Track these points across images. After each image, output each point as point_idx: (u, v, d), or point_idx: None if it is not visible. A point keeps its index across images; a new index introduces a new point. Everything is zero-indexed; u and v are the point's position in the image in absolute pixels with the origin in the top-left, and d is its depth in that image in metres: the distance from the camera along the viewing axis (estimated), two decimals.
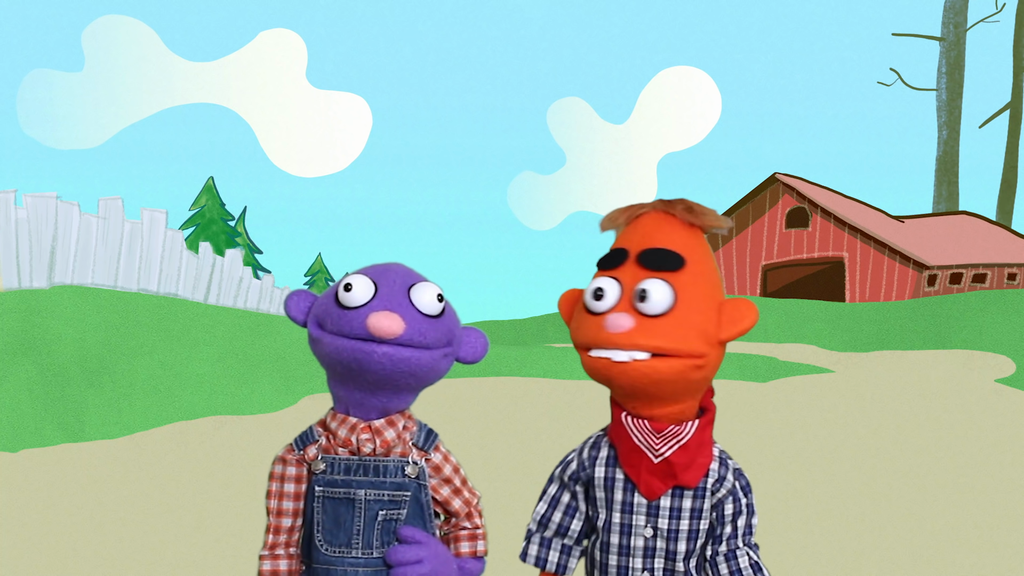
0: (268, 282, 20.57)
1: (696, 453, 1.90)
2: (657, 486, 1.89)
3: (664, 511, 1.91)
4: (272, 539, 2.00)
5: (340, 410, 1.97)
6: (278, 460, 2.01)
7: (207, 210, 33.05)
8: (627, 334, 1.79)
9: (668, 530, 1.91)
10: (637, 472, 1.90)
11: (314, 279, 39.23)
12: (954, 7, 35.66)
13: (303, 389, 11.48)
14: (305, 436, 2.00)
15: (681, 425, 1.88)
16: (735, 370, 14.31)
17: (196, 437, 8.90)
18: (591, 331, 1.85)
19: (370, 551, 1.93)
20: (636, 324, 1.79)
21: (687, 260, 1.85)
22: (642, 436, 1.88)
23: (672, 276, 1.82)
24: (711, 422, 1.94)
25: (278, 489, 1.99)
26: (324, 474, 1.94)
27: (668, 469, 1.88)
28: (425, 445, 2.02)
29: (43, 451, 7.90)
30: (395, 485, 1.95)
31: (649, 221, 1.92)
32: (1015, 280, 25.98)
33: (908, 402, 11.70)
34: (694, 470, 1.90)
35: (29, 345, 9.28)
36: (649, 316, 1.79)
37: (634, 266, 1.85)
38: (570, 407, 10.93)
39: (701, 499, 1.93)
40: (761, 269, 26.78)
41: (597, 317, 1.84)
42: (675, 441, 1.88)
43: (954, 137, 35.58)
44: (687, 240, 1.90)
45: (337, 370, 1.91)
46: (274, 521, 2.00)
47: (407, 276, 1.96)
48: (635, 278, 1.83)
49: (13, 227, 10.75)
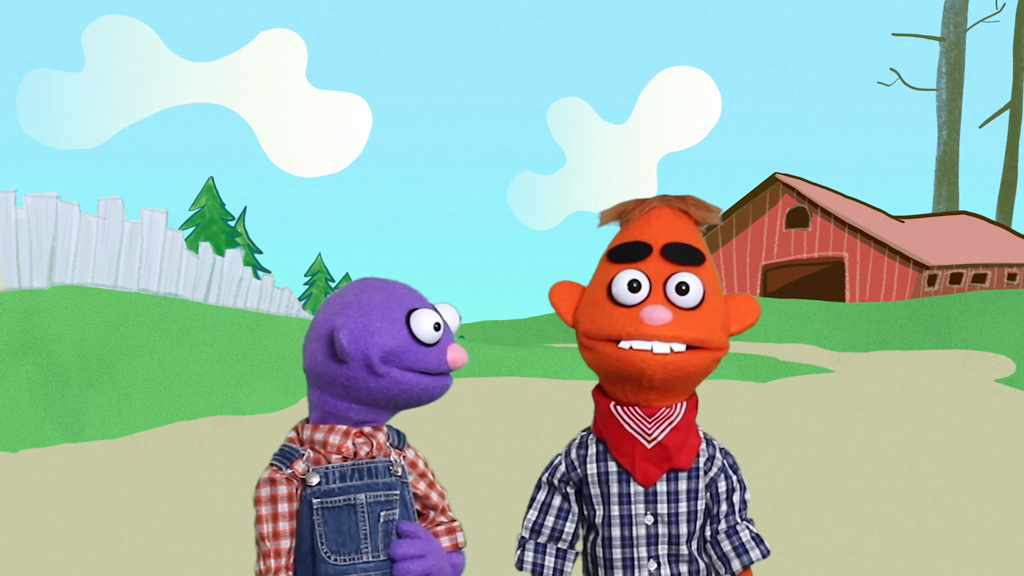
0: (268, 282, 20.57)
1: (687, 434, 1.93)
2: (652, 471, 1.91)
3: (662, 496, 1.93)
4: (274, 563, 1.92)
5: (325, 420, 1.95)
6: (264, 483, 1.94)
7: (207, 210, 33.05)
8: (667, 326, 1.83)
9: (668, 514, 1.93)
10: (631, 460, 1.92)
11: (314, 279, 39.21)
12: (954, 7, 35.65)
13: (303, 389, 11.40)
14: (287, 453, 1.95)
15: (671, 408, 1.92)
16: (735, 370, 14.31)
17: (196, 437, 8.90)
18: (624, 323, 1.86)
19: (379, 554, 1.93)
20: (675, 316, 1.84)
21: (704, 256, 1.93)
22: (634, 423, 1.91)
23: (698, 270, 1.88)
24: (696, 405, 1.99)
25: (271, 512, 1.92)
26: (320, 485, 1.91)
27: (662, 453, 1.90)
28: (400, 444, 2.04)
29: (43, 451, 7.90)
30: (387, 485, 1.95)
31: (663, 216, 1.95)
32: (1015, 280, 25.98)
33: (908, 402, 11.70)
34: (687, 451, 1.93)
35: (29, 345, 9.28)
36: (685, 309, 1.85)
37: (659, 259, 1.88)
38: (570, 407, 10.93)
39: (696, 479, 1.95)
40: (761, 269, 26.77)
41: (630, 309, 1.86)
42: (667, 424, 1.91)
43: (954, 137, 35.57)
44: (697, 236, 1.97)
45: (379, 400, 1.92)
46: (271, 546, 1.92)
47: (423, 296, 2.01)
48: (662, 272, 1.87)
49: (13, 227, 10.75)
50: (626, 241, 1.94)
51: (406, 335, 1.88)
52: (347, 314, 1.91)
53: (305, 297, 37.87)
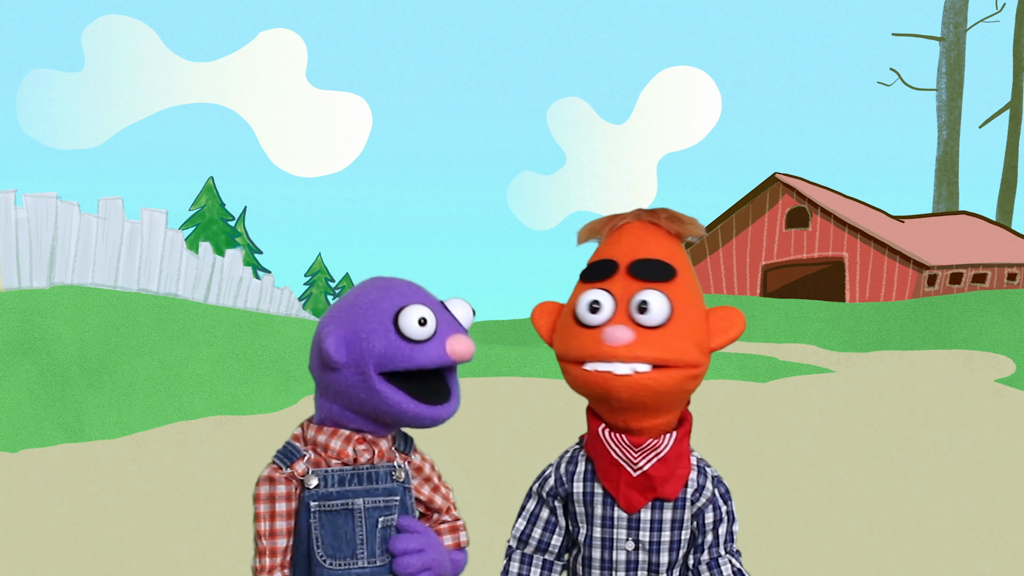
0: (268, 282, 20.57)
1: (675, 465, 1.87)
2: (636, 499, 1.87)
3: (645, 524, 1.89)
4: (269, 562, 1.93)
5: (330, 423, 1.94)
6: (264, 481, 1.93)
7: (207, 210, 33.06)
8: (628, 347, 1.77)
9: (650, 542, 1.89)
10: (616, 486, 1.88)
11: (314, 279, 39.22)
12: (954, 7, 35.65)
13: (303, 389, 11.47)
14: (288, 453, 1.94)
15: (659, 438, 1.86)
16: (735, 370, 14.31)
17: (196, 437, 8.90)
18: (586, 344, 1.81)
19: (375, 560, 1.92)
20: (636, 336, 1.77)
21: (677, 270, 1.83)
22: (620, 450, 1.86)
23: (666, 287, 1.80)
24: (688, 433, 1.91)
25: (269, 510, 1.92)
26: (318, 488, 1.91)
27: (647, 482, 1.86)
28: (406, 449, 2.02)
29: (43, 451, 7.90)
30: (387, 491, 1.94)
31: (634, 231, 1.89)
32: (1015, 280, 25.97)
33: (908, 402, 11.70)
34: (673, 482, 1.87)
35: (29, 345, 9.28)
36: (648, 328, 1.77)
37: (625, 277, 1.82)
38: (570, 407, 10.92)
39: (681, 510, 1.90)
40: (761, 269, 26.77)
41: (592, 330, 1.81)
42: (654, 454, 1.85)
43: (954, 137, 35.56)
44: (673, 250, 1.87)
45: (370, 413, 1.89)
46: (268, 544, 1.92)
47: (426, 292, 1.95)
48: (628, 290, 1.80)
49: (13, 227, 10.75)
50: (595, 260, 1.89)
51: (395, 335, 1.83)
52: (339, 319, 1.89)
53: (305, 297, 37.89)
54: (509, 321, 24.48)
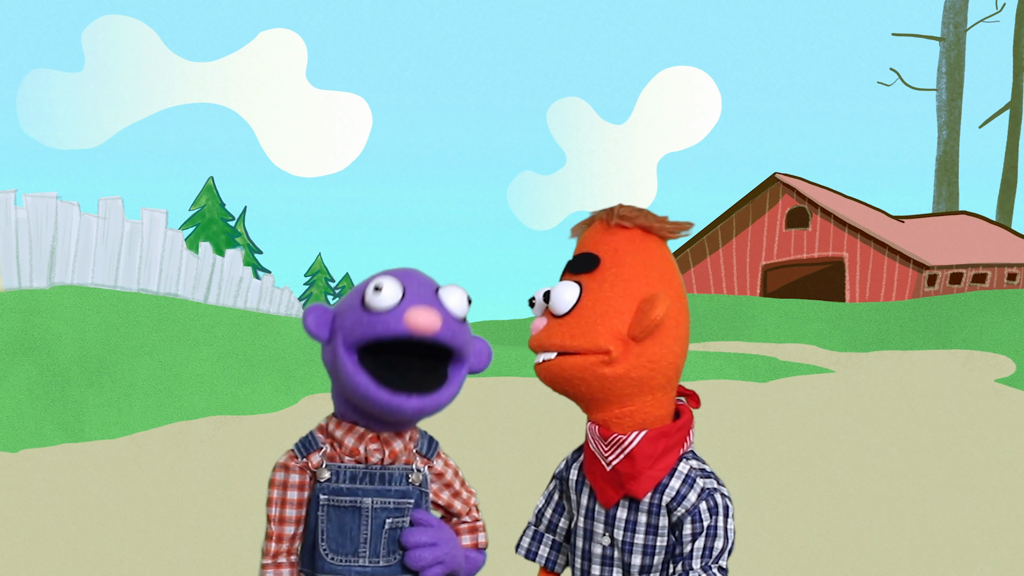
0: (268, 282, 20.57)
1: (643, 465, 1.84)
2: (610, 494, 1.89)
3: (620, 522, 1.89)
4: (275, 547, 1.94)
5: (346, 419, 1.94)
6: (279, 467, 1.95)
7: (207, 210, 33.06)
8: (537, 336, 1.87)
9: (623, 542, 1.89)
10: (595, 478, 1.91)
11: (314, 279, 39.22)
12: (954, 7, 35.65)
13: (303, 389, 11.48)
14: (307, 442, 1.95)
15: (627, 434, 1.85)
16: (735, 370, 14.31)
17: (196, 437, 8.90)
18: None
19: (377, 560, 1.92)
20: (547, 325, 1.86)
21: (603, 260, 1.85)
22: (594, 442, 1.89)
23: (584, 277, 1.85)
24: (669, 437, 1.87)
25: (280, 496, 1.94)
26: (329, 482, 1.91)
27: (617, 478, 1.87)
28: (428, 453, 2.01)
29: (43, 451, 7.90)
30: (400, 493, 1.94)
31: (596, 231, 1.93)
32: (1015, 280, 25.97)
33: (908, 402, 11.70)
34: (642, 482, 1.85)
35: (29, 345, 9.28)
36: (557, 316, 1.85)
37: (566, 274, 1.91)
38: (570, 407, 10.92)
39: (656, 515, 1.88)
40: (761, 269, 26.77)
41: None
42: (620, 450, 1.86)
43: (954, 137, 35.57)
44: (616, 244, 1.88)
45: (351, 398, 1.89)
46: (276, 529, 1.94)
47: (430, 279, 1.94)
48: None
49: (13, 227, 10.75)
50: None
51: (359, 307, 1.83)
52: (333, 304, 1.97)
53: (305, 297, 37.88)
54: (509, 321, 24.49)
